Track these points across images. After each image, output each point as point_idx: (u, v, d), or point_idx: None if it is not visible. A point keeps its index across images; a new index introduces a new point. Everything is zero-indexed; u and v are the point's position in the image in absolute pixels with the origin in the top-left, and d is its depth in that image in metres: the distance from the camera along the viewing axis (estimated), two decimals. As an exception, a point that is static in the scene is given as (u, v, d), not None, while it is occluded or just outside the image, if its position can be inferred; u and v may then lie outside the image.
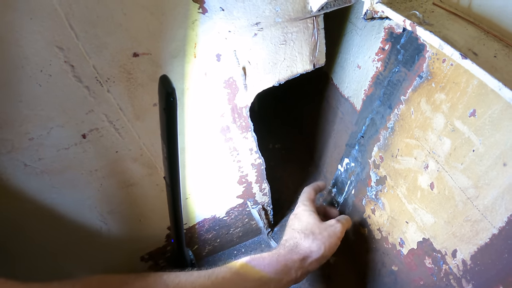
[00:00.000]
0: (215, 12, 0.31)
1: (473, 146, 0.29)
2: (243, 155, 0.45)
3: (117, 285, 0.27)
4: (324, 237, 0.39)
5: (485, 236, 0.29)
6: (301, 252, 0.37)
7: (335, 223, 0.42)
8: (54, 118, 0.31)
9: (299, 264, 0.36)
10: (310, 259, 0.37)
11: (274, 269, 0.34)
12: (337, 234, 0.40)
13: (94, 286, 0.26)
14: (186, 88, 0.35)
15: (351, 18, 0.46)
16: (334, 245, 0.39)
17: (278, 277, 0.34)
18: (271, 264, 0.34)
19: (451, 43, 0.27)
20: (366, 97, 0.45)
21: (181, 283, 0.29)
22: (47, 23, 0.26)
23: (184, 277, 0.29)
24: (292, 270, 0.35)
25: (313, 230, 0.40)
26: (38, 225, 0.38)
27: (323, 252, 0.38)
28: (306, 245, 0.38)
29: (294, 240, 0.39)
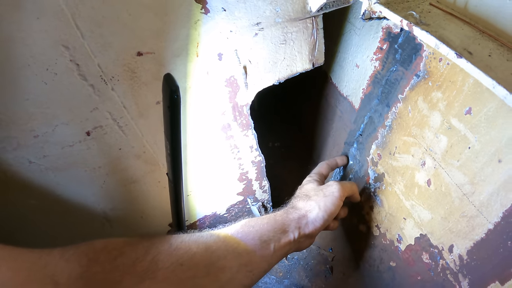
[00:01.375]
0: (217, 12, 0.32)
1: (469, 143, 0.30)
2: (244, 152, 0.46)
3: (121, 246, 0.27)
4: (319, 197, 0.38)
5: (481, 232, 0.30)
6: (296, 212, 0.37)
7: (333, 183, 0.40)
8: (59, 116, 0.32)
9: (295, 223, 0.36)
10: (305, 219, 0.37)
11: (273, 228, 0.34)
12: (334, 194, 0.39)
13: (99, 248, 0.26)
14: (188, 87, 0.36)
15: (350, 18, 0.46)
16: (330, 204, 0.38)
17: (277, 236, 0.34)
18: (270, 223, 0.34)
19: (447, 42, 0.28)
20: (365, 95, 0.46)
21: (185, 241, 0.29)
22: (54, 23, 0.27)
23: (187, 237, 0.30)
24: (289, 229, 0.35)
25: (309, 193, 0.40)
26: (42, 221, 0.39)
27: (318, 212, 0.37)
28: (301, 205, 0.38)
29: (291, 204, 0.39)
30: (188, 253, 0.28)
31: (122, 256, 0.26)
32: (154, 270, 0.26)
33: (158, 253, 0.27)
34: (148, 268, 0.26)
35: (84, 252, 0.25)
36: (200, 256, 0.29)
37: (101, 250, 0.26)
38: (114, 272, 0.25)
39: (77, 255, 0.24)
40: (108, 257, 0.25)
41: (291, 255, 0.56)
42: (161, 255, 0.27)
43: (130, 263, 0.26)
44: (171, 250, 0.28)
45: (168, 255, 0.27)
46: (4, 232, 0.37)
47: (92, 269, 0.24)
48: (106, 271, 0.25)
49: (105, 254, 0.25)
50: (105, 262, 0.25)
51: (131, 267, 0.26)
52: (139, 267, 0.26)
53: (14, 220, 0.37)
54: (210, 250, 0.30)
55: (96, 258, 0.25)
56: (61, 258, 0.23)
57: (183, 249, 0.28)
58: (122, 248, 0.27)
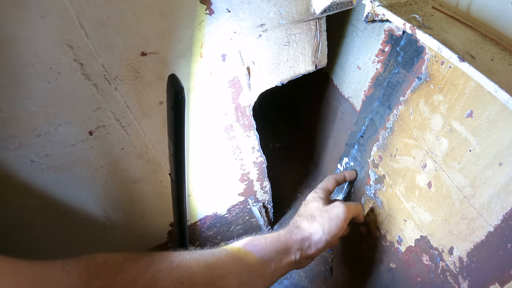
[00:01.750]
0: (221, 13, 0.32)
1: (470, 146, 0.30)
2: (245, 153, 0.46)
3: (122, 261, 0.27)
4: (324, 219, 0.38)
5: (481, 234, 0.30)
6: (300, 233, 0.37)
7: (339, 204, 0.39)
8: (62, 115, 0.32)
9: (298, 245, 0.35)
10: (308, 241, 0.36)
11: (275, 248, 0.34)
12: (339, 216, 0.38)
13: (100, 262, 0.26)
14: (191, 87, 0.36)
15: (352, 20, 0.47)
16: (335, 227, 0.37)
17: (279, 257, 0.34)
18: (272, 243, 0.34)
19: (450, 46, 0.28)
20: (366, 97, 0.46)
21: (185, 260, 0.29)
22: (58, 22, 0.27)
23: (188, 255, 0.30)
24: (291, 251, 0.35)
25: (314, 213, 0.39)
26: (43, 220, 0.39)
27: (321, 235, 0.37)
28: (305, 227, 0.38)
29: (295, 223, 0.39)
30: (188, 272, 0.28)
31: (122, 272, 0.26)
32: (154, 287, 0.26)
33: (158, 271, 0.27)
34: (148, 285, 0.26)
35: (85, 266, 0.25)
36: (200, 275, 0.29)
37: (102, 264, 0.26)
38: None
39: (78, 269, 0.24)
40: (108, 272, 0.25)
41: None
42: (161, 273, 0.27)
43: (130, 280, 0.26)
44: (171, 268, 0.28)
45: (169, 273, 0.27)
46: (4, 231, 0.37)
47: (92, 284, 0.24)
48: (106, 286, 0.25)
49: (105, 269, 0.25)
50: (105, 277, 0.25)
51: (131, 284, 0.26)
52: (139, 284, 0.26)
53: (14, 219, 0.37)
54: (210, 269, 0.30)
55: (97, 273, 0.25)
56: (62, 271, 0.23)
57: (184, 268, 0.28)
58: (122, 263, 0.26)
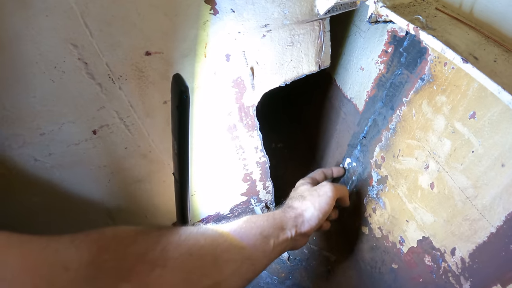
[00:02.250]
0: (226, 13, 0.32)
1: (473, 147, 0.30)
2: (249, 153, 0.46)
3: (132, 234, 0.27)
4: (313, 197, 0.40)
5: (483, 235, 0.30)
6: (293, 211, 0.39)
7: (326, 183, 0.43)
8: (66, 114, 0.32)
9: (292, 222, 0.37)
10: (301, 218, 0.38)
11: (272, 225, 0.35)
12: (327, 193, 0.41)
13: (109, 236, 0.26)
14: (195, 87, 0.36)
15: (355, 20, 0.47)
16: (324, 204, 0.40)
17: (276, 233, 0.35)
18: (269, 220, 0.36)
19: (453, 47, 0.28)
20: (369, 98, 0.46)
21: (192, 234, 0.30)
22: (63, 21, 0.27)
23: (194, 229, 0.31)
24: (286, 227, 0.36)
25: (304, 193, 0.42)
26: (46, 219, 0.39)
27: (313, 211, 0.39)
28: (297, 205, 0.40)
29: (288, 204, 0.41)
30: (196, 245, 0.29)
31: (133, 244, 0.26)
32: (165, 259, 0.27)
33: (168, 243, 0.28)
34: (159, 257, 0.26)
35: (94, 240, 0.25)
36: (207, 248, 0.30)
37: (112, 238, 0.26)
38: (125, 260, 0.25)
39: (87, 242, 0.24)
40: (119, 245, 0.25)
41: (293, 256, 0.57)
42: (171, 245, 0.28)
43: (141, 252, 0.26)
44: (180, 240, 0.29)
45: (178, 245, 0.28)
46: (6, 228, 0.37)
47: (102, 256, 0.24)
48: (117, 259, 0.25)
49: (116, 242, 0.26)
50: (116, 250, 0.25)
51: (143, 255, 0.26)
52: (150, 255, 0.26)
53: (17, 217, 0.37)
54: (216, 243, 0.31)
55: (107, 246, 0.25)
56: (71, 244, 0.23)
57: (192, 241, 0.29)
58: (133, 236, 0.27)
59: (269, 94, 0.41)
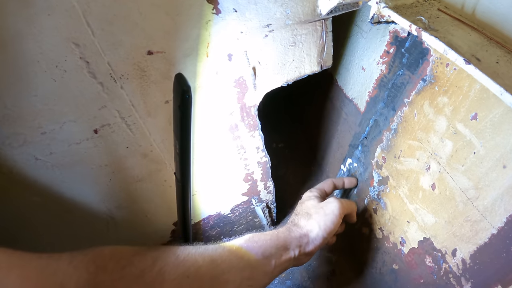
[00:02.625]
0: (228, 13, 0.32)
1: (474, 148, 0.30)
2: (250, 153, 0.46)
3: (129, 255, 0.27)
4: (320, 216, 0.39)
5: (485, 236, 0.30)
6: (298, 231, 0.38)
7: (333, 200, 0.41)
8: (67, 113, 0.32)
9: (296, 242, 0.37)
10: (306, 238, 0.38)
11: (275, 245, 0.35)
12: (334, 212, 0.39)
13: (107, 256, 0.26)
14: (197, 86, 0.36)
15: (357, 21, 0.47)
16: (330, 223, 0.39)
17: (279, 253, 0.35)
18: (272, 240, 0.35)
19: (455, 48, 0.28)
20: (370, 98, 0.46)
21: (191, 254, 0.30)
22: (65, 20, 0.27)
23: (193, 249, 0.31)
24: (290, 247, 0.36)
25: (310, 211, 0.41)
26: (46, 219, 0.39)
27: (318, 231, 0.38)
28: (302, 224, 0.39)
29: (293, 221, 0.40)
30: (194, 266, 0.29)
31: (130, 266, 0.26)
32: (161, 281, 0.27)
33: (165, 265, 0.28)
34: (155, 279, 0.26)
35: (92, 260, 0.25)
36: (205, 269, 0.29)
37: (110, 258, 0.26)
38: (121, 281, 0.25)
39: (85, 262, 0.24)
40: (116, 266, 0.26)
41: None
42: (168, 266, 0.28)
43: (137, 273, 0.26)
44: (178, 262, 0.28)
45: (175, 266, 0.28)
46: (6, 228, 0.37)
47: (99, 277, 0.24)
48: (114, 280, 0.25)
49: (113, 263, 0.26)
50: (113, 271, 0.25)
51: (139, 277, 0.26)
52: (146, 277, 0.26)
53: (17, 217, 0.37)
54: (215, 263, 0.30)
55: (104, 266, 0.25)
56: (70, 264, 0.24)
57: (190, 262, 0.29)
58: (130, 257, 0.27)
59: (270, 94, 0.41)
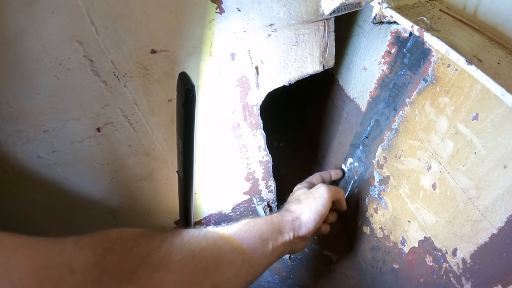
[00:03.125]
0: (231, 12, 0.32)
1: (475, 148, 0.30)
2: (252, 152, 0.46)
3: (136, 237, 0.27)
4: (309, 199, 0.41)
5: (485, 236, 0.30)
6: (290, 215, 0.40)
7: (321, 185, 0.43)
8: (70, 111, 0.32)
9: (290, 225, 0.38)
10: (299, 221, 0.39)
11: (271, 228, 0.36)
12: (322, 195, 0.42)
13: (114, 238, 0.26)
14: (200, 85, 0.36)
15: (359, 21, 0.47)
16: (320, 206, 0.41)
17: (275, 236, 0.36)
18: (267, 224, 0.37)
19: (457, 49, 0.28)
20: (372, 98, 0.47)
21: (195, 236, 0.31)
22: (69, 18, 0.27)
23: (196, 232, 0.32)
24: (285, 230, 0.37)
25: (300, 197, 0.43)
26: (47, 216, 0.39)
27: (309, 214, 0.40)
28: (294, 209, 0.41)
29: (285, 208, 0.42)
30: (198, 247, 0.30)
31: (137, 247, 0.27)
32: (168, 261, 0.27)
33: (171, 246, 0.28)
34: (163, 259, 0.27)
35: (99, 242, 0.25)
36: (209, 250, 0.30)
37: (116, 240, 0.26)
38: (129, 262, 0.25)
39: (91, 244, 0.24)
40: (123, 247, 0.26)
41: (295, 255, 0.57)
42: (174, 247, 0.28)
43: (145, 254, 0.26)
44: (183, 243, 0.29)
45: (181, 248, 0.29)
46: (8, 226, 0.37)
47: (107, 258, 0.24)
48: (122, 261, 0.25)
49: (120, 244, 0.26)
50: (120, 252, 0.25)
51: (146, 257, 0.26)
52: (153, 258, 0.27)
53: (20, 214, 0.37)
54: (217, 245, 0.31)
55: (111, 248, 0.25)
56: (76, 246, 0.24)
57: (194, 243, 0.30)
58: (137, 239, 0.27)
59: (272, 94, 0.41)
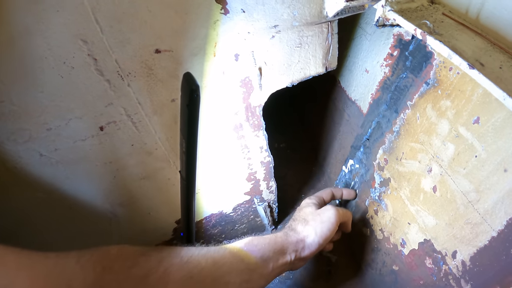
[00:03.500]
0: (236, 13, 0.32)
1: (476, 152, 0.31)
2: (254, 152, 0.46)
3: (135, 256, 0.28)
4: (316, 222, 0.41)
5: (485, 239, 0.31)
6: (295, 236, 0.39)
7: (330, 208, 0.43)
8: (73, 110, 0.32)
9: (293, 247, 0.38)
10: (302, 243, 0.39)
11: (273, 248, 0.36)
12: (330, 219, 0.41)
13: (113, 256, 0.27)
14: (204, 86, 0.36)
15: (361, 23, 0.47)
16: (326, 230, 0.40)
17: (276, 257, 0.36)
18: (270, 244, 0.37)
19: (460, 53, 0.28)
20: (373, 100, 0.47)
21: (194, 256, 0.31)
22: (74, 16, 0.27)
23: (196, 251, 0.32)
24: (287, 252, 0.37)
25: (307, 217, 0.42)
26: (49, 215, 0.39)
27: (314, 238, 0.39)
28: (299, 229, 0.40)
29: (291, 227, 0.42)
30: (197, 267, 0.30)
31: (136, 266, 0.27)
32: (166, 282, 0.28)
33: (170, 266, 0.29)
34: (160, 279, 0.27)
35: (99, 260, 0.26)
36: (208, 270, 0.30)
37: (116, 258, 0.27)
38: (128, 282, 0.26)
39: (92, 262, 0.25)
40: (122, 266, 0.26)
41: None
42: (172, 267, 0.29)
43: (143, 274, 0.27)
44: (182, 263, 0.29)
45: (179, 268, 0.29)
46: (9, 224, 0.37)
47: (106, 277, 0.25)
48: (120, 280, 0.26)
49: (119, 263, 0.26)
50: (120, 271, 0.26)
51: (144, 278, 0.27)
52: (152, 278, 0.27)
53: (21, 212, 0.37)
54: (217, 265, 0.32)
55: (111, 266, 0.26)
56: (77, 264, 0.24)
57: (193, 263, 0.30)
58: (136, 258, 0.28)
59: (274, 95, 0.41)
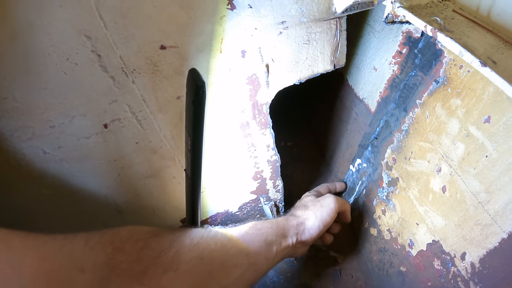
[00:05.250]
0: (243, 9, 0.31)
1: (486, 151, 0.30)
2: (260, 151, 0.46)
3: (147, 237, 0.28)
4: (316, 207, 0.43)
5: (495, 240, 0.30)
6: (296, 219, 0.41)
7: (329, 195, 0.45)
8: (77, 107, 0.31)
9: (294, 230, 0.39)
10: (303, 226, 0.40)
11: (276, 232, 0.37)
12: (329, 205, 0.42)
13: (124, 237, 0.26)
14: (210, 83, 0.35)
15: (369, 20, 0.46)
16: (326, 214, 0.41)
17: (279, 240, 0.37)
18: (273, 227, 0.37)
19: (471, 50, 0.28)
20: (381, 99, 0.46)
21: (204, 237, 0.31)
22: (77, 12, 0.26)
23: (205, 233, 0.32)
24: (288, 234, 0.38)
25: (307, 203, 0.44)
26: (53, 213, 0.38)
27: (314, 221, 0.41)
28: (299, 214, 0.42)
29: (291, 212, 0.44)
30: (207, 249, 0.30)
31: (147, 247, 0.27)
32: (177, 262, 0.28)
33: (181, 247, 0.29)
34: (172, 260, 0.28)
35: (109, 241, 0.25)
36: (217, 252, 0.31)
37: (127, 239, 0.26)
38: (139, 262, 0.26)
39: (102, 243, 0.25)
40: (134, 247, 0.26)
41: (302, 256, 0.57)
42: (183, 249, 0.29)
43: (155, 255, 0.27)
44: (192, 245, 0.30)
45: (190, 249, 0.29)
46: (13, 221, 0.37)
47: (117, 258, 0.25)
48: (132, 261, 0.25)
49: (131, 244, 0.26)
50: (131, 252, 0.26)
51: (156, 258, 0.27)
52: (163, 259, 0.27)
53: (25, 209, 0.37)
54: (225, 248, 0.32)
55: (122, 248, 0.25)
56: (86, 245, 0.24)
57: (203, 245, 0.30)
58: (147, 239, 0.28)
59: (281, 92, 0.41)
